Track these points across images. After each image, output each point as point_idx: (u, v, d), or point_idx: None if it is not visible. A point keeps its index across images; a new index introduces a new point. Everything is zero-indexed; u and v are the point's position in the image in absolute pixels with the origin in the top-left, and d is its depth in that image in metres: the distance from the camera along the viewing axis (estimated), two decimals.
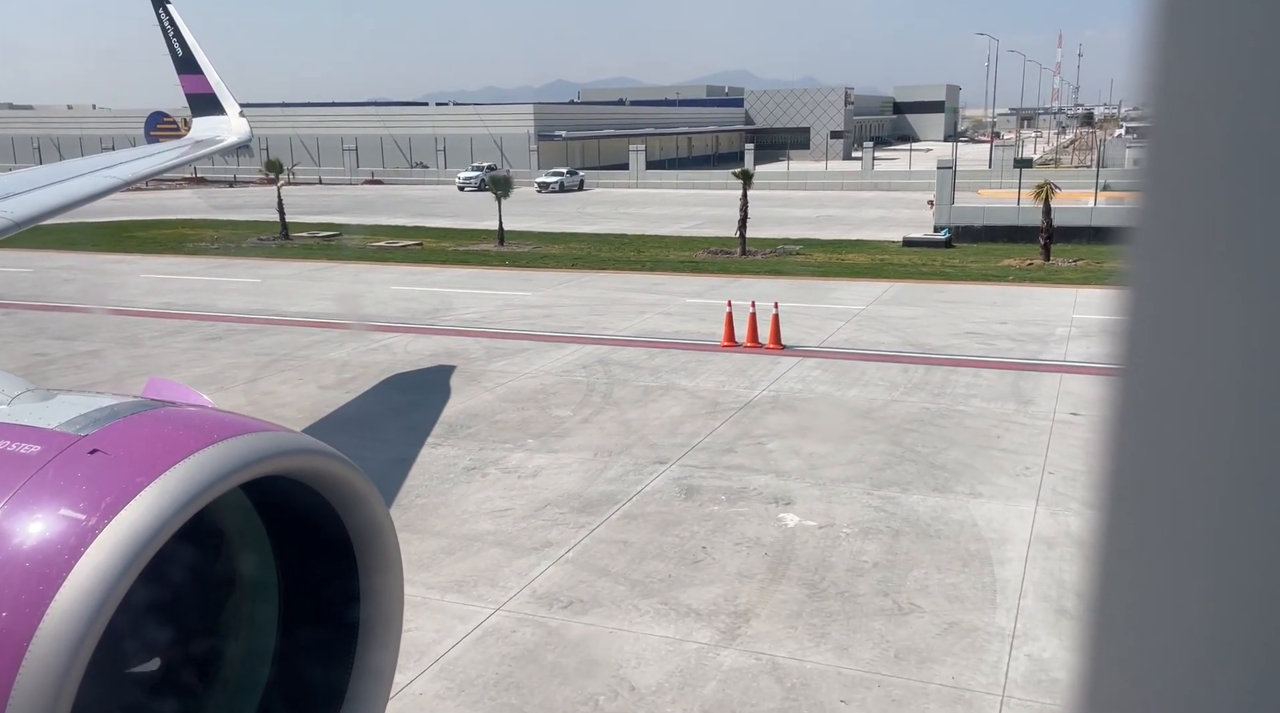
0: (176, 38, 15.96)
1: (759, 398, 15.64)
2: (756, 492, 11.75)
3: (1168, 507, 0.54)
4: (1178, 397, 0.53)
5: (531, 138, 73.81)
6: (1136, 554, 0.56)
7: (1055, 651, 8.16)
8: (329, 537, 2.85)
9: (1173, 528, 0.54)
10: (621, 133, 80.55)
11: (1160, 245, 0.54)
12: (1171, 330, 0.53)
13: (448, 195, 60.04)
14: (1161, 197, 0.53)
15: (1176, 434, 0.53)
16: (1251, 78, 0.49)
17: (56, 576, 2.12)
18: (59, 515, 2.20)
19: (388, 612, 2.96)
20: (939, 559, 9.90)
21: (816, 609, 8.93)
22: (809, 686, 7.73)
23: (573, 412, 14.97)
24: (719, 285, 26.32)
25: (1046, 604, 8.94)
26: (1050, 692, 7.59)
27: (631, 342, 19.61)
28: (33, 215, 8.07)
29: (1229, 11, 0.49)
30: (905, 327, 20.68)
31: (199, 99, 15.83)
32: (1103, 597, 0.58)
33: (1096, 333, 19.66)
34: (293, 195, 60.53)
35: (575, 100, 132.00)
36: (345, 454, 2.63)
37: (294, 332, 20.61)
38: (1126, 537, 0.56)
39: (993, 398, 15.37)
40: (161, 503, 2.22)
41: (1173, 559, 0.54)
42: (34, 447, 2.37)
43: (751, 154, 67.97)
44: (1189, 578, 0.54)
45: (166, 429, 2.45)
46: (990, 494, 11.56)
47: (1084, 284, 25.60)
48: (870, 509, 11.19)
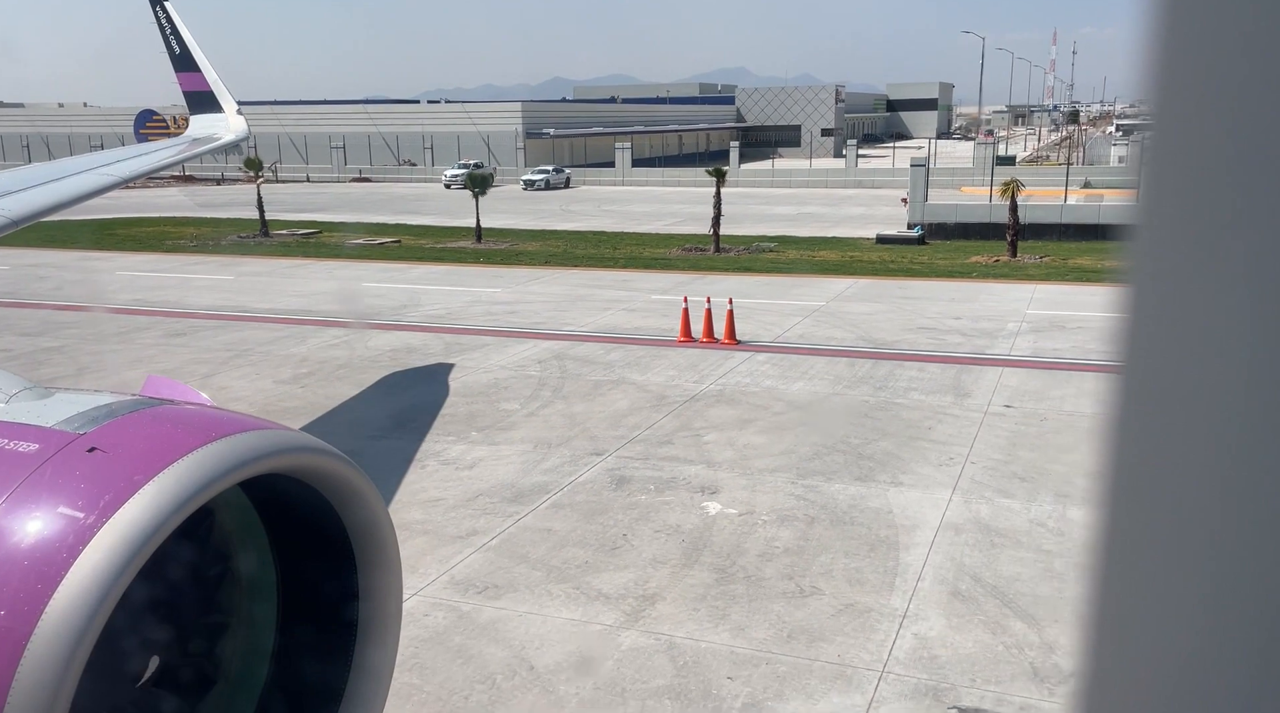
0: (174, 35, 16.08)
1: (705, 392, 15.98)
2: (685, 482, 12.09)
3: (1168, 505, 0.54)
4: (1177, 394, 0.53)
5: (519, 135, 74.06)
6: (1137, 553, 0.56)
7: (941, 630, 8.51)
8: (328, 535, 2.83)
9: (1173, 526, 0.54)
10: (610, 131, 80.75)
11: (1159, 243, 0.54)
12: (1171, 328, 0.53)
13: (434, 193, 60.26)
14: (1161, 194, 0.53)
15: (1176, 432, 0.53)
16: (1251, 74, 0.49)
17: (55, 575, 2.12)
18: (57, 514, 2.20)
19: (386, 610, 2.96)
20: (848, 545, 10.24)
21: (722, 593, 9.27)
22: (700, 663, 8.08)
23: (520, 405, 15.31)
24: (686, 282, 26.64)
25: (942, 587, 9.28)
26: (929, 668, 7.94)
27: (590, 337, 19.94)
28: (30, 213, 8.14)
29: (1228, 9, 0.49)
30: (861, 322, 21.03)
31: (196, 97, 15.92)
32: (1103, 596, 0.57)
33: (1047, 328, 20.01)
34: (279, 193, 60.86)
35: (567, 98, 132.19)
36: None
37: (259, 328, 20.93)
38: (1127, 535, 0.56)
39: (932, 391, 15.72)
40: (160, 501, 2.22)
41: (1173, 558, 0.54)
42: (32, 445, 2.37)
43: (736, 152, 68.35)
44: (1189, 577, 0.54)
45: (165, 428, 2.46)
46: (910, 483, 11.90)
47: (1044, 280, 25.95)
48: (792, 498, 11.54)
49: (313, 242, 37.07)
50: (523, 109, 78.28)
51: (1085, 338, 19.01)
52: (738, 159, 68.33)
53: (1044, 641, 8.30)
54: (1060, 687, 7.62)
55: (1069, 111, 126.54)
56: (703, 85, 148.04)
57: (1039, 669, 7.88)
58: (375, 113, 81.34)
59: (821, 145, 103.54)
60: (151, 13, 16.35)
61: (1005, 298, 23.33)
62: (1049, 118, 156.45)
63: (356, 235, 37.81)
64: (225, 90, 15.73)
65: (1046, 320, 20.68)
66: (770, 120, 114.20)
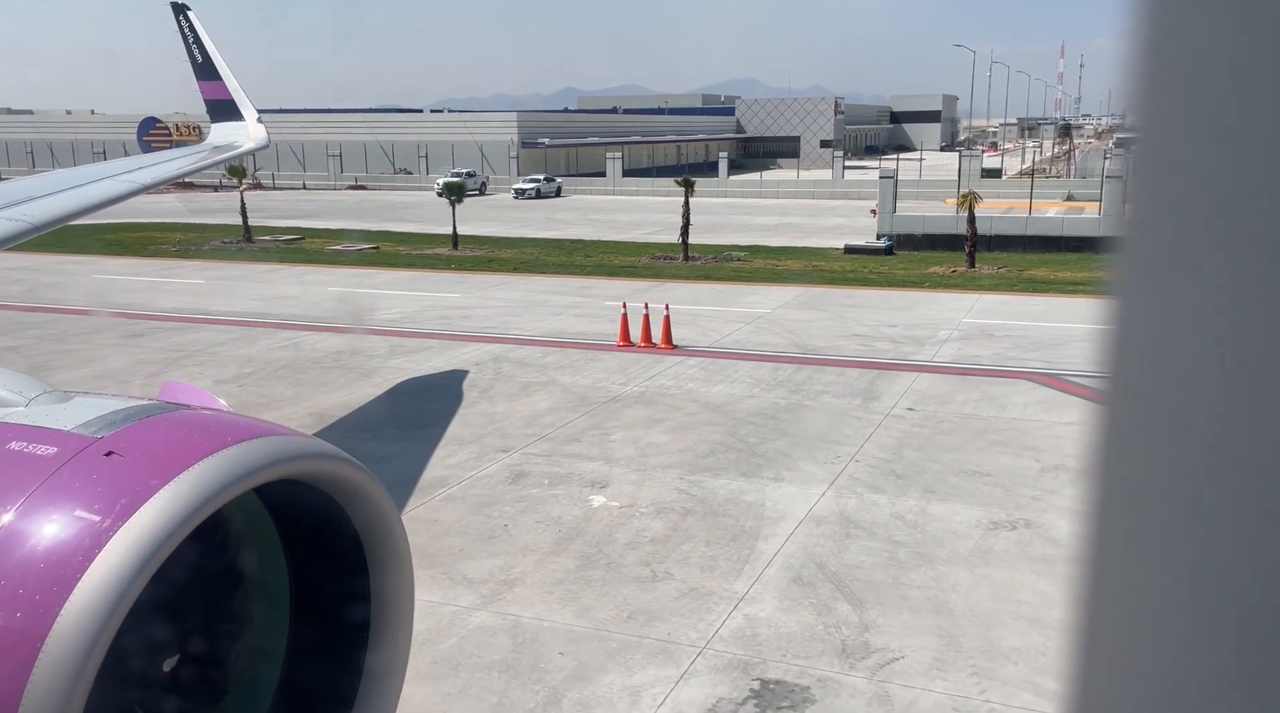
0: (196, 44, 16.25)
1: (627, 393, 16.58)
2: (579, 477, 12.69)
3: (1155, 514, 0.54)
4: (1164, 405, 0.54)
5: (514, 144, 74.93)
6: (1124, 561, 0.56)
7: (771, 612, 9.08)
8: (339, 539, 2.87)
9: (1160, 534, 0.54)
10: (605, 141, 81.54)
11: (1148, 255, 0.54)
12: (1158, 339, 0.54)
13: (426, 201, 61.06)
14: (1150, 206, 0.53)
15: (1163, 442, 0.54)
16: (1239, 88, 0.49)
17: (71, 577, 2.14)
18: (74, 517, 2.23)
19: (398, 614, 2.99)
20: (712, 535, 10.82)
21: (579, 578, 9.86)
22: (537, 641, 8.67)
23: (443, 405, 15.94)
24: (644, 289, 27.23)
25: (786, 574, 9.85)
26: (748, 645, 8.50)
27: (534, 341, 20.57)
28: (52, 218, 8.33)
29: (1216, 22, 0.50)
30: (799, 329, 21.60)
31: (218, 105, 16.07)
32: (1091, 604, 0.58)
33: (976, 336, 20.55)
34: (273, 200, 61.85)
35: (569, 108, 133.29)
36: None
37: (215, 330, 21.65)
38: (1115, 544, 0.56)
39: (843, 394, 16.29)
40: (175, 506, 2.25)
41: (1160, 566, 0.55)
42: (51, 448, 2.40)
43: (725, 163, 69.06)
44: (1176, 584, 0.54)
45: (181, 432, 2.50)
46: (791, 479, 12.47)
47: (993, 290, 26.48)
48: (675, 492, 12.12)
49: (293, 247, 37.86)
50: (518, 119, 79.24)
51: (1008, 346, 19.54)
52: (726, 170, 69.04)
53: (862, 621, 8.87)
54: (862, 662, 8.19)
55: (1062, 125, 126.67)
56: (706, 96, 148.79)
57: (848, 647, 8.44)
58: (374, 121, 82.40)
59: (821, 157, 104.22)
60: (175, 21, 16.59)
61: (946, 307, 23.88)
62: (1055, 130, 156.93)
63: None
64: (246, 99, 15.98)
65: (978, 329, 21.22)
66: (770, 131, 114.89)
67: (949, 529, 10.83)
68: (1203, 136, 0.51)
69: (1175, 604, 0.54)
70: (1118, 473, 0.57)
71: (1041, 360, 18.26)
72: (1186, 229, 0.53)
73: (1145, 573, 0.56)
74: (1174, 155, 0.53)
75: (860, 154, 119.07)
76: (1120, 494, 0.57)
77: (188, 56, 16.33)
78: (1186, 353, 0.53)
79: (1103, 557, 0.58)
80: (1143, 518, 0.55)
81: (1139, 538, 0.56)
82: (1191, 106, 0.51)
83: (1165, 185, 0.53)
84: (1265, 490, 0.50)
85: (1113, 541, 0.57)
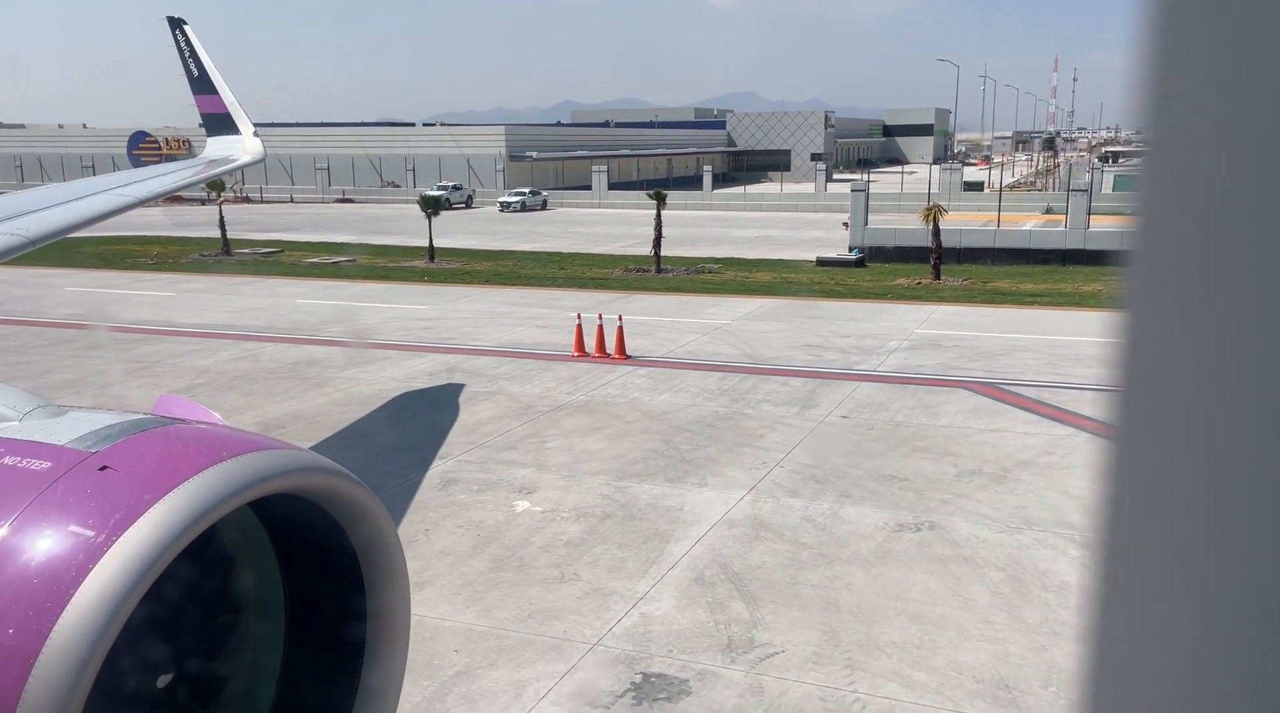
0: (193, 58, 16.34)
1: (571, 402, 16.89)
2: (509, 483, 12.99)
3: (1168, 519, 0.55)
4: (1175, 413, 0.54)
5: (500, 158, 75.47)
6: (1138, 568, 0.57)
7: (667, 609, 9.38)
8: (335, 554, 2.85)
9: (1173, 540, 0.55)
10: (593, 154, 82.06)
11: (1157, 265, 0.54)
12: (1168, 348, 0.54)
13: (412, 214, 60.94)
14: (1158, 217, 0.54)
15: (1175, 449, 0.54)
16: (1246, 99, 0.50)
17: (64, 593, 2.12)
18: (68, 532, 2.20)
19: (394, 629, 2.96)
20: (627, 538, 11.12)
21: (489, 580, 10.16)
22: (436, 639, 8.96)
23: (390, 414, 16.26)
24: (610, 301, 27.59)
25: (689, 574, 10.15)
26: (638, 641, 8.80)
27: (491, 351, 20.90)
28: (49, 232, 8.39)
29: (1223, 36, 0.50)
30: (753, 340, 21.93)
31: (214, 118, 16.15)
32: (1105, 609, 0.59)
33: (925, 346, 20.89)
34: (259, 213, 62.27)
35: (562, 122, 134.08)
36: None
37: (176, 341, 21.98)
38: (1128, 549, 0.57)
39: (782, 403, 16.61)
40: (169, 521, 2.23)
41: (1173, 571, 0.55)
42: (44, 463, 2.38)
43: (709, 176, 69.54)
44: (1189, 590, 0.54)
45: (175, 447, 2.48)
46: (714, 484, 12.78)
47: (953, 302, 26.83)
48: (600, 497, 12.43)
49: (270, 260, 38.23)
50: (506, 132, 79.80)
51: (954, 356, 19.87)
52: (711, 183, 69.49)
53: (753, 618, 9.16)
54: (744, 656, 8.48)
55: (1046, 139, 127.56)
56: (698, 110, 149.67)
57: (734, 642, 8.74)
58: (362, 135, 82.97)
59: (812, 170, 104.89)
60: (171, 36, 16.67)
61: (902, 318, 24.22)
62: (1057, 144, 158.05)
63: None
64: (242, 113, 16.06)
65: (928, 339, 21.56)
66: (761, 145, 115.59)
67: (855, 531, 11.14)
68: (1210, 147, 0.52)
69: (1187, 610, 0.55)
70: (1130, 481, 0.57)
71: (983, 370, 18.59)
72: (1194, 239, 0.53)
73: (1157, 580, 0.56)
74: (1181, 166, 0.53)
75: (853, 167, 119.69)
76: (1132, 502, 0.57)
77: (184, 71, 16.47)
78: (1196, 362, 0.53)
79: (1115, 564, 0.58)
80: (1155, 525, 0.56)
81: (1151, 545, 0.56)
82: (1199, 118, 0.52)
83: (1173, 196, 0.54)
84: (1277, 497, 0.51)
85: (1125, 548, 0.58)
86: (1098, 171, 74.82)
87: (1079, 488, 12.30)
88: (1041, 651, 8.46)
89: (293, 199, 73.51)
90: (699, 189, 69.08)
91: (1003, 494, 12.17)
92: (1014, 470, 12.99)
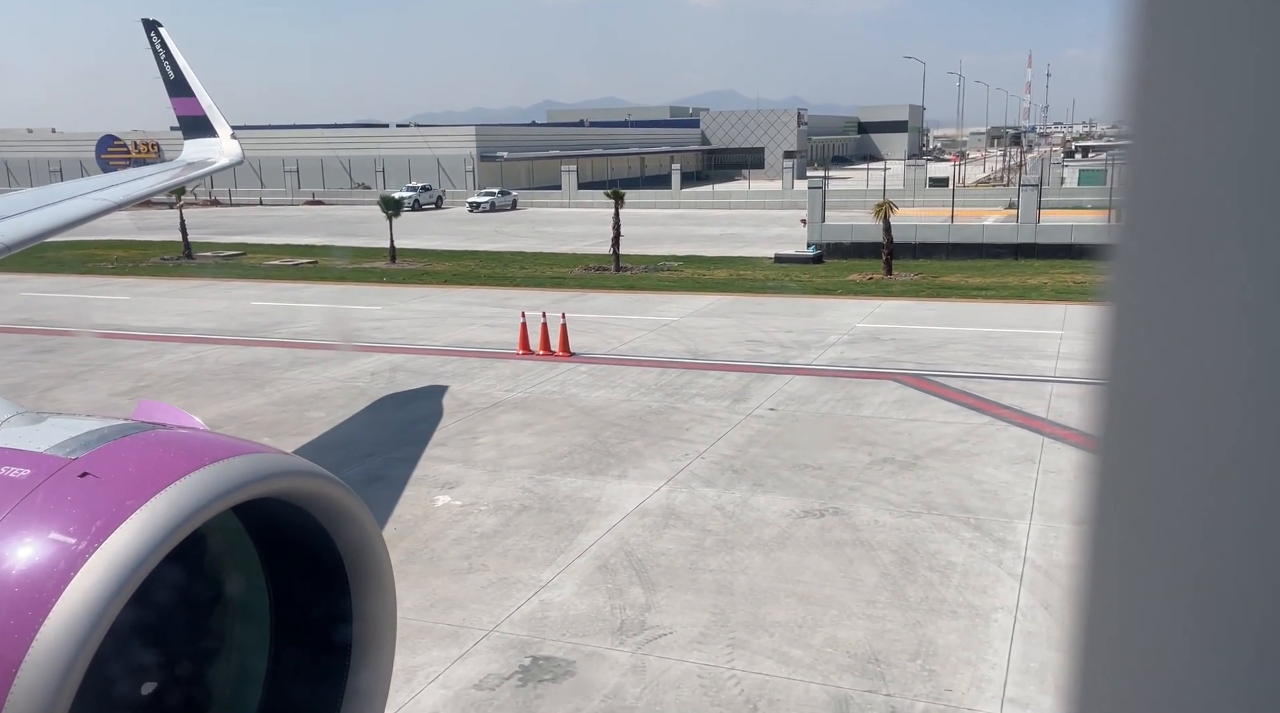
0: (168, 61, 16.23)
1: (508, 399, 17.16)
2: (433, 478, 13.25)
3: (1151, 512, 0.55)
4: (1158, 408, 0.54)
5: (471, 159, 75.59)
6: (1122, 561, 0.57)
7: (567, 596, 9.67)
8: (320, 557, 2.84)
9: (1156, 533, 0.55)
10: (564, 154, 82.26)
11: (1140, 260, 0.54)
12: (1151, 342, 0.54)
13: (379, 215, 61.53)
14: (1141, 212, 0.54)
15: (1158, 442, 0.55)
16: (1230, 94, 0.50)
17: (46, 601, 2.11)
18: (48, 540, 2.19)
19: (380, 632, 2.96)
20: (540, 529, 11.41)
21: (398, 572, 10.31)
22: None
23: (326, 414, 16.48)
24: (564, 299, 27.86)
25: (594, 562, 10.45)
26: (533, 627, 9.08)
27: (437, 351, 21.13)
28: (25, 237, 8.40)
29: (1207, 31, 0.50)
30: (697, 336, 22.26)
31: (191, 121, 16.07)
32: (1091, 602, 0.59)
33: (863, 340, 21.27)
34: (228, 216, 62.17)
35: (536, 122, 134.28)
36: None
37: (125, 344, 22.11)
38: (1112, 542, 0.57)
39: (714, 397, 16.93)
40: (151, 526, 2.22)
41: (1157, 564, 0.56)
42: (24, 470, 2.36)
43: (678, 175, 69.95)
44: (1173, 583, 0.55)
45: (156, 452, 2.46)
46: (635, 476, 13.08)
47: (900, 296, 27.26)
48: (520, 490, 12.70)
49: (231, 263, 38.30)
50: (477, 133, 79.91)
51: (890, 349, 20.26)
52: (680, 182, 69.91)
53: (648, 603, 9.47)
54: (633, 638, 8.78)
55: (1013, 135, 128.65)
56: (674, 109, 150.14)
57: (626, 625, 9.04)
58: (333, 137, 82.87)
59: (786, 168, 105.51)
60: (146, 38, 16.54)
61: (846, 313, 24.61)
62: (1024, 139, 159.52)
63: (275, 256, 39.06)
64: (220, 115, 15.98)
65: (867, 333, 21.95)
66: (734, 143, 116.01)
67: (761, 518, 11.47)
68: (1191, 141, 0.52)
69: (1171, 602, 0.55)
70: (1114, 475, 0.57)
71: (915, 362, 18.98)
72: (1176, 233, 0.53)
73: (1142, 574, 0.57)
74: (1163, 160, 0.53)
75: (827, 164, 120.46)
76: (1116, 495, 0.57)
77: (160, 73, 16.41)
78: (1179, 355, 0.54)
79: (1100, 558, 0.58)
80: (1139, 517, 0.56)
81: (1136, 538, 0.57)
82: (1180, 112, 0.52)
83: (1155, 190, 0.54)
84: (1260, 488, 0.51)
85: (1110, 541, 0.58)
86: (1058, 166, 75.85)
87: (983, 474, 12.68)
88: (916, 626, 8.81)
89: (262, 202, 73.38)
90: (669, 188, 69.51)
91: (910, 481, 12.53)
92: (925, 458, 13.36)
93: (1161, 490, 0.56)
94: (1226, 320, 0.52)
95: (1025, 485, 12.22)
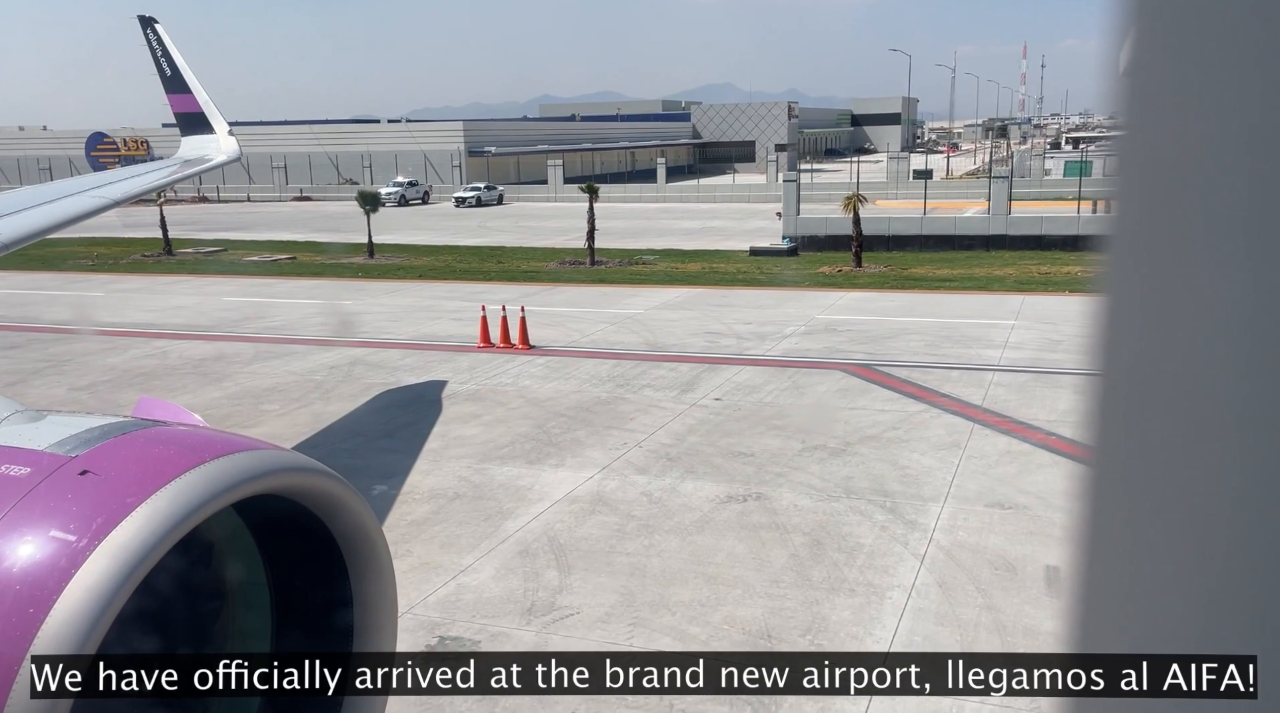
0: (165, 57, 16.24)
1: (461, 391, 17.43)
2: (374, 469, 13.52)
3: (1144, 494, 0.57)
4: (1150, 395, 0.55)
5: (459, 153, 75.79)
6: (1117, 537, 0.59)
7: (483, 580, 9.95)
8: (320, 553, 2.88)
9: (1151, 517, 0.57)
10: (553, 148, 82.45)
11: (1133, 252, 0.55)
12: (1144, 332, 0.55)
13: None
14: (1133, 205, 0.55)
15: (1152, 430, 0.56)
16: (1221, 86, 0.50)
17: (47, 599, 2.12)
18: (49, 538, 2.20)
19: (381, 626, 3.03)
20: (469, 516, 11.69)
21: None
22: None
23: (279, 407, 16.75)
24: (534, 293, 28.13)
25: (516, 548, 10.73)
26: (447, 609, 9.36)
27: (400, 345, 21.40)
28: (24, 235, 8.47)
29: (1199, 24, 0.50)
30: (658, 328, 22.53)
31: (188, 118, 16.10)
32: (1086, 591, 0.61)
33: (819, 331, 21.54)
34: (214, 213, 62.40)
35: (528, 117, 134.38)
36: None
37: (93, 340, 22.38)
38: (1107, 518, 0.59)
39: (663, 388, 17.20)
40: (152, 524, 2.24)
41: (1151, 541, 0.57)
42: (24, 468, 2.38)
43: (663, 168, 70.24)
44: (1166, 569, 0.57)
45: (157, 449, 2.49)
46: (571, 465, 13.36)
47: (865, 288, 27.53)
48: (457, 479, 12.98)
49: (211, 259, 38.56)
50: (464, 128, 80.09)
51: (844, 340, 20.54)
52: (665, 175, 70.18)
53: (561, 585, 9.75)
54: (539, 619, 9.07)
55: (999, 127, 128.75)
56: (666, 102, 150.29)
57: (536, 606, 9.33)
58: (321, 132, 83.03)
59: (771, 161, 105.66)
60: (142, 35, 16.53)
61: (808, 305, 24.89)
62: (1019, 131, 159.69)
63: (254, 252, 39.32)
64: (217, 111, 16.00)
65: (824, 324, 22.23)
66: (725, 136, 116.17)
67: (686, 504, 11.75)
68: (1183, 135, 0.52)
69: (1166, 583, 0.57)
70: (1109, 460, 0.58)
71: (865, 352, 19.26)
72: (1169, 225, 0.53)
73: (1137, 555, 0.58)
74: (1155, 153, 0.53)
75: (820, 157, 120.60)
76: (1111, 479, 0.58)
77: (156, 70, 16.41)
78: (1171, 345, 0.54)
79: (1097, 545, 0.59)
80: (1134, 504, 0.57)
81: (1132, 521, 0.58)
82: (1172, 105, 0.52)
83: (1147, 183, 0.54)
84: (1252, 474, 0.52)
85: (1106, 525, 0.59)
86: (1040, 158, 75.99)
87: (909, 460, 12.96)
88: (813, 604, 9.09)
89: (250, 198, 73.60)
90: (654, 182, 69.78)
91: (836, 466, 12.81)
92: (855, 445, 13.64)
93: (1155, 477, 0.57)
94: (1217, 308, 0.53)
95: (946, 471, 12.51)
